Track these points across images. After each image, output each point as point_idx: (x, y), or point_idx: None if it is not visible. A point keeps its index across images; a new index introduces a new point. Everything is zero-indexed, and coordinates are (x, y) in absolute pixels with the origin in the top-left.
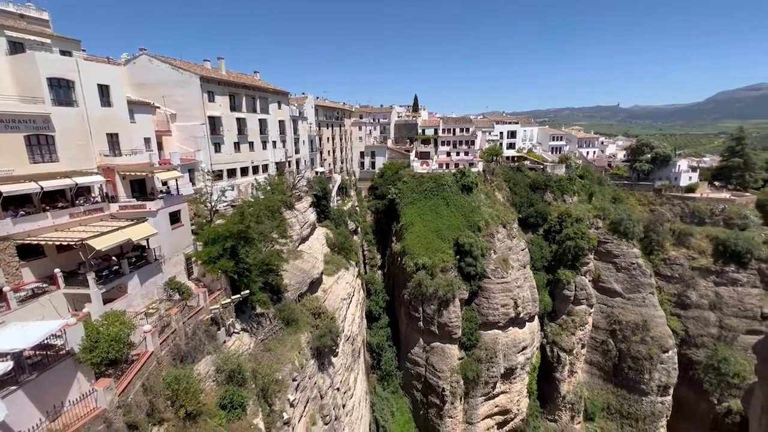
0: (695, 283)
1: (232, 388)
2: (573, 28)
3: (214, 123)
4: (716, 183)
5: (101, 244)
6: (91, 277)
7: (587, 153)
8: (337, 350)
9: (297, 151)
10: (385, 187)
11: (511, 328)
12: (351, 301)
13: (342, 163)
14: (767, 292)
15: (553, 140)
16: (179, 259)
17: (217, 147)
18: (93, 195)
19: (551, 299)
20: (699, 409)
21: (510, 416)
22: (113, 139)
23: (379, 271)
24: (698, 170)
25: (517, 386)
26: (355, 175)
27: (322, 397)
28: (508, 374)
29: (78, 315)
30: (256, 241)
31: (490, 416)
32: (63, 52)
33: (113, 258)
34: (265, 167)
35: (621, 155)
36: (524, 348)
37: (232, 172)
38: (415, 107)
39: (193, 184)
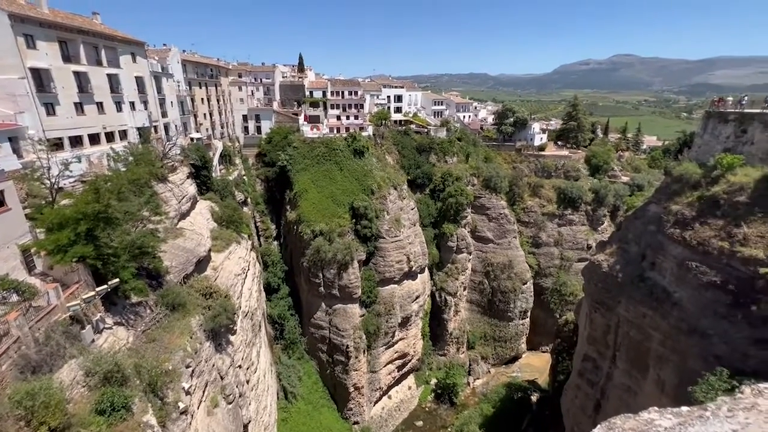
0: (545, 225)
1: (110, 389)
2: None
3: (41, 77)
4: (559, 142)
5: None
6: None
7: (464, 117)
8: (234, 328)
9: (164, 114)
10: (275, 153)
11: (405, 281)
12: (246, 275)
13: (222, 127)
14: (591, 228)
15: (435, 105)
16: (11, 252)
17: (50, 108)
18: None
19: (438, 251)
20: (547, 324)
21: (408, 358)
22: None
23: (275, 242)
24: (547, 132)
25: (412, 331)
26: (239, 141)
27: (222, 378)
28: (405, 322)
29: None
30: (121, 221)
31: (391, 362)
32: None
33: None
34: (124, 134)
35: (490, 119)
36: (417, 297)
37: (77, 140)
38: (301, 67)
39: (20, 156)
